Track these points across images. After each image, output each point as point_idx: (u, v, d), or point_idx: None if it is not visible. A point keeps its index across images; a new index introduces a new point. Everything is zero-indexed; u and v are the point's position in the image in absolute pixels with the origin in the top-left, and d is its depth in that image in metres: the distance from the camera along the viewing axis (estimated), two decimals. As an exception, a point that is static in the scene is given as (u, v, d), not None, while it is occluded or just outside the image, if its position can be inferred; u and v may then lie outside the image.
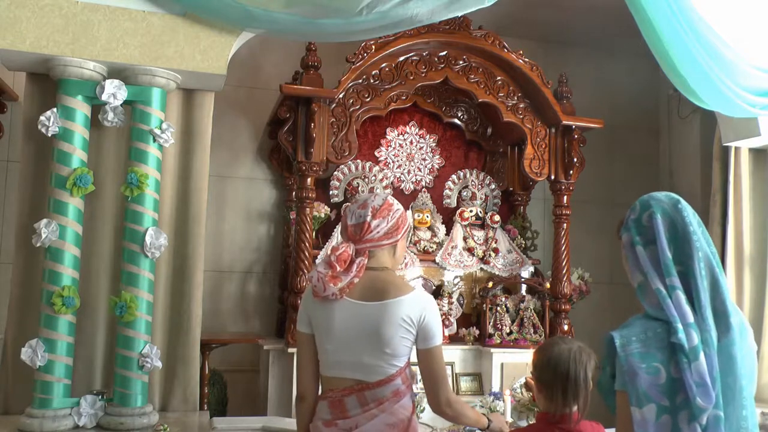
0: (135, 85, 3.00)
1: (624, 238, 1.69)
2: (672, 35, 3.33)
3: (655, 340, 1.52)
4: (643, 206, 1.68)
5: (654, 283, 1.57)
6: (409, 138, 4.61)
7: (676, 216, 1.64)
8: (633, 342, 1.52)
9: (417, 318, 1.99)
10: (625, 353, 1.51)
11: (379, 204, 2.06)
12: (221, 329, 4.45)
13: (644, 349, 1.51)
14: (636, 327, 1.56)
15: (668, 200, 1.68)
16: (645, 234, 1.63)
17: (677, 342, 1.49)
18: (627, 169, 5.45)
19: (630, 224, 1.68)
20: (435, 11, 3.12)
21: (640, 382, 1.47)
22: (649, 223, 1.63)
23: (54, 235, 2.82)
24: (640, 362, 1.49)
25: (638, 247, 1.63)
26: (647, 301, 1.60)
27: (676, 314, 1.52)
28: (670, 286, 1.56)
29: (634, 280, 1.64)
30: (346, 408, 1.98)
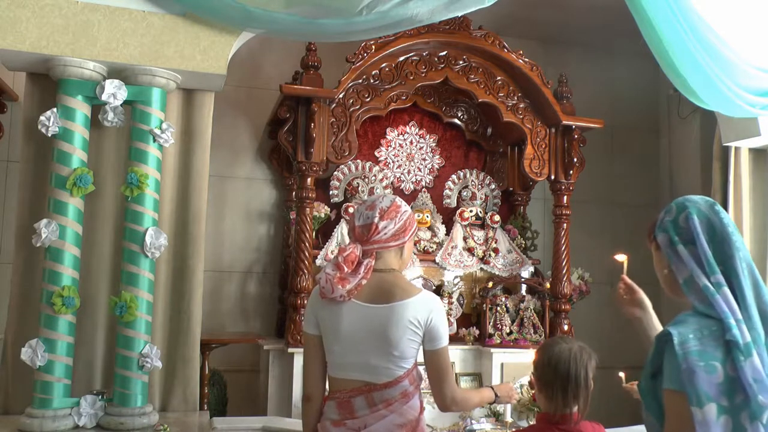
0: (135, 85, 3.00)
1: (661, 239, 1.68)
2: (672, 35, 3.33)
3: (711, 338, 1.49)
4: (679, 208, 1.69)
5: (700, 281, 1.56)
6: (409, 138, 4.61)
7: (714, 217, 1.65)
8: (690, 339, 1.48)
9: (424, 320, 2.00)
10: (684, 351, 1.46)
11: (387, 205, 2.06)
12: (221, 329, 4.45)
13: (701, 347, 1.47)
14: (691, 324, 1.52)
15: (704, 202, 1.70)
16: (683, 234, 1.63)
17: (732, 339, 1.47)
18: (627, 169, 5.45)
19: (667, 225, 1.67)
20: (435, 11, 3.12)
21: (699, 381, 1.42)
22: (686, 224, 1.63)
23: (54, 235, 2.82)
24: (699, 360, 1.44)
25: (679, 246, 1.62)
26: (695, 297, 1.58)
27: (727, 310, 1.51)
28: (716, 283, 1.55)
29: (680, 276, 1.63)
30: (354, 408, 1.98)
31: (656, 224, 1.72)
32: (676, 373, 1.45)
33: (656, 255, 1.74)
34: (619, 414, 3.75)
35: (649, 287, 5.97)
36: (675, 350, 1.45)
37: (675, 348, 1.46)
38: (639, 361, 2.35)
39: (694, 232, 1.61)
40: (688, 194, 5.32)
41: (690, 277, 1.59)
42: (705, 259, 1.58)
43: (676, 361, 1.45)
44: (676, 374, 1.45)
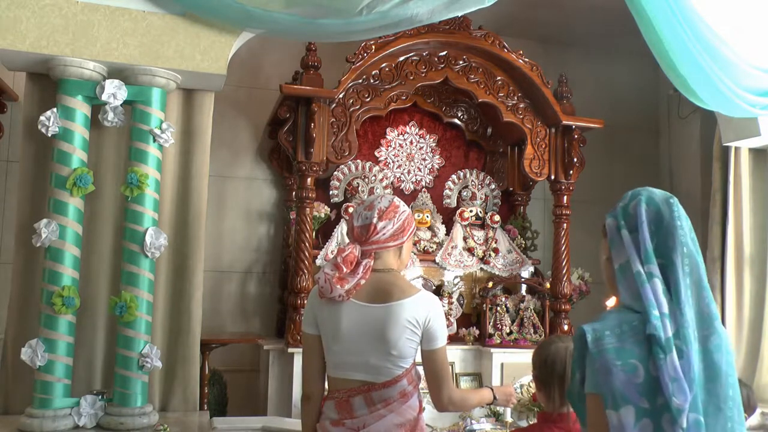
0: (135, 85, 3.00)
1: (609, 224, 1.62)
2: (672, 35, 3.33)
3: (631, 334, 1.38)
4: (632, 195, 1.63)
5: (635, 266, 1.48)
6: (409, 138, 4.61)
7: (665, 209, 1.57)
8: (607, 336, 1.37)
9: (422, 320, 2.00)
10: (598, 349, 1.35)
11: (386, 206, 2.06)
12: (221, 329, 4.45)
13: (619, 344, 1.36)
14: (610, 320, 1.42)
15: (661, 194, 1.63)
16: (629, 221, 1.57)
17: (652, 333, 1.37)
18: (627, 169, 5.45)
19: (618, 210, 1.61)
20: (435, 11, 3.12)
21: (615, 381, 1.31)
22: (635, 210, 1.57)
23: (54, 235, 2.81)
24: (615, 359, 1.33)
25: (623, 232, 1.56)
26: (625, 285, 1.50)
27: (653, 300, 1.41)
28: (648, 273, 1.47)
29: (615, 261, 1.56)
30: (353, 408, 1.99)
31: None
32: (591, 374, 1.35)
33: (602, 242, 1.68)
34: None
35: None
36: (589, 348, 1.35)
37: (588, 346, 1.36)
38: None
39: (638, 219, 1.55)
40: (688, 194, 5.35)
41: (626, 263, 1.52)
42: (644, 246, 1.51)
43: (591, 359, 1.35)
44: (592, 375, 1.35)
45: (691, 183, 5.09)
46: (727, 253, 4.22)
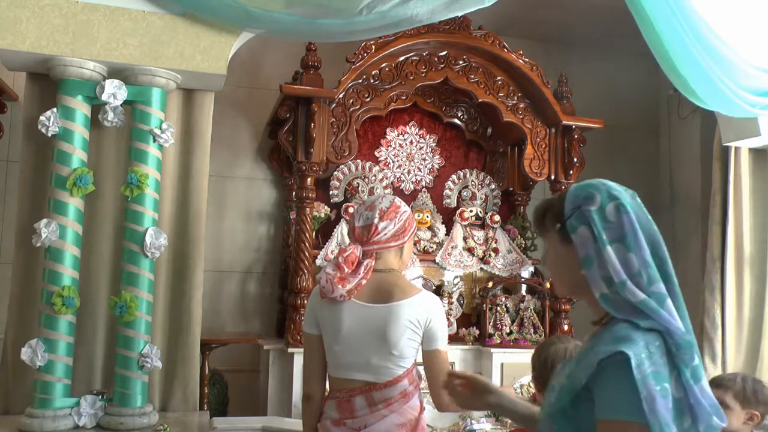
0: (135, 85, 3.00)
1: (581, 233, 1.34)
2: (672, 35, 3.33)
3: (659, 356, 1.25)
4: (605, 195, 1.36)
5: (635, 293, 1.28)
6: (409, 138, 4.61)
7: (640, 212, 1.37)
8: (644, 360, 1.22)
9: (423, 320, 2.01)
10: (642, 375, 1.20)
11: (387, 206, 2.07)
12: (221, 329, 4.45)
13: (654, 368, 1.23)
14: (640, 341, 1.25)
15: (626, 191, 1.41)
16: (612, 231, 1.32)
17: (683, 356, 1.26)
18: (627, 169, 5.43)
19: (592, 216, 1.34)
20: (435, 11, 3.12)
21: (660, 409, 1.19)
22: (617, 218, 1.33)
23: (54, 235, 2.81)
24: (655, 384, 1.20)
25: (609, 247, 1.31)
26: (621, 310, 1.30)
27: (675, 323, 1.28)
28: (657, 294, 1.29)
29: (596, 288, 1.32)
30: (354, 408, 1.99)
31: (564, 211, 1.38)
32: (632, 401, 1.20)
33: (561, 249, 1.40)
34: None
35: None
36: (632, 375, 1.20)
37: (633, 372, 1.20)
38: None
39: (629, 230, 1.32)
40: (688, 194, 5.33)
41: (621, 285, 1.29)
42: (644, 264, 1.30)
43: (633, 386, 1.20)
44: (634, 402, 1.19)
45: (691, 183, 5.09)
46: (727, 253, 4.21)
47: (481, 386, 1.60)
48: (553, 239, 1.41)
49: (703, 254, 4.54)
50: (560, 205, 1.40)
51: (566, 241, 1.38)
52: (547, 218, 1.43)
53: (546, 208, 1.45)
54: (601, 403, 1.25)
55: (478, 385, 1.60)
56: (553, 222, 1.41)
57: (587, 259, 1.33)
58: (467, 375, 1.62)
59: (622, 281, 1.29)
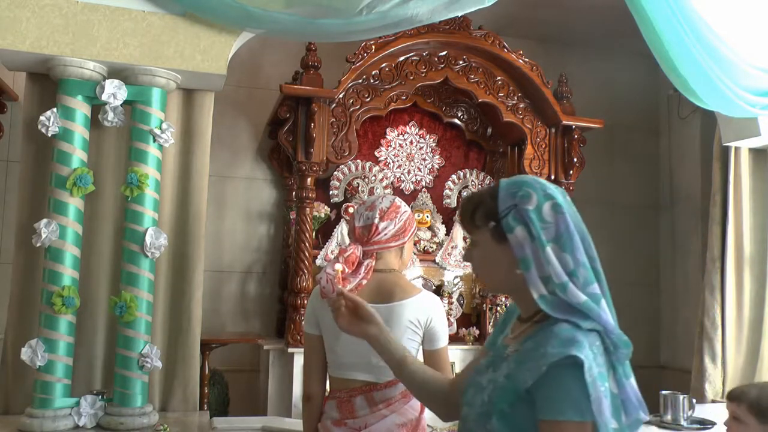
0: (135, 85, 3.00)
1: (518, 233, 1.30)
2: (672, 35, 3.33)
3: (599, 355, 1.25)
4: (540, 194, 1.32)
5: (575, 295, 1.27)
6: (409, 138, 4.61)
7: (571, 210, 1.34)
8: (593, 363, 1.22)
9: (424, 320, 2.01)
10: (592, 378, 1.20)
11: (387, 206, 2.07)
12: (221, 329, 4.45)
13: (599, 369, 1.23)
14: (585, 342, 1.23)
15: (556, 189, 1.36)
16: (549, 231, 1.30)
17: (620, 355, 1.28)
18: (627, 169, 5.45)
19: (529, 216, 1.30)
20: (435, 11, 3.11)
21: (605, 409, 1.20)
22: (554, 217, 1.30)
23: (54, 235, 2.81)
24: (601, 385, 1.21)
25: (548, 248, 1.29)
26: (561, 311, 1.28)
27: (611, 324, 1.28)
28: (593, 295, 1.28)
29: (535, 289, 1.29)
30: (355, 408, 1.99)
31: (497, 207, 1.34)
32: (581, 402, 1.20)
33: (494, 248, 1.35)
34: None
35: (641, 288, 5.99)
36: (584, 377, 1.19)
37: (584, 375, 1.19)
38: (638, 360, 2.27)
39: (564, 230, 1.30)
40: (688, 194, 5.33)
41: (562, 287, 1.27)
42: (581, 265, 1.29)
43: (583, 388, 1.19)
44: (582, 403, 1.20)
45: (691, 183, 5.09)
46: (727, 253, 4.21)
47: (366, 315, 1.57)
48: (485, 237, 1.37)
49: (703, 254, 4.54)
50: (493, 203, 1.35)
51: (500, 239, 1.33)
52: (477, 215, 1.38)
53: (476, 204, 1.39)
54: (546, 404, 1.23)
55: (363, 312, 1.58)
56: (486, 220, 1.36)
57: (525, 260, 1.30)
58: (355, 299, 1.59)
59: (563, 283, 1.27)
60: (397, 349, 1.55)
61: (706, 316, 4.22)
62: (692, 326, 4.54)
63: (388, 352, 1.56)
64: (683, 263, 5.14)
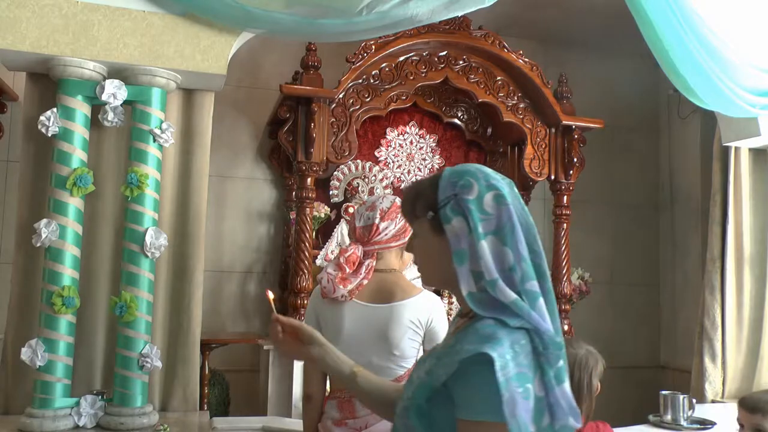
0: (135, 85, 3.00)
1: (456, 224, 1.24)
2: (672, 35, 3.33)
3: (523, 355, 1.18)
4: (482, 184, 1.25)
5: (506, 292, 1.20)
6: (409, 138, 4.61)
7: (517, 202, 1.27)
8: (509, 362, 1.15)
9: (425, 320, 2.01)
10: (506, 377, 1.13)
11: (387, 206, 2.07)
12: (221, 329, 4.45)
13: (518, 369, 1.16)
14: (505, 341, 1.17)
15: (503, 179, 1.29)
16: (489, 223, 1.22)
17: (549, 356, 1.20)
18: (627, 169, 5.45)
19: (468, 206, 1.23)
20: (435, 11, 3.11)
21: (521, 411, 1.13)
22: (496, 209, 1.23)
23: (54, 235, 2.81)
24: (518, 386, 1.14)
25: (483, 241, 1.21)
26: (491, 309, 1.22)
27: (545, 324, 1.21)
28: (530, 293, 1.21)
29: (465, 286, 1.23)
30: (355, 408, 1.99)
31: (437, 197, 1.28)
32: (494, 402, 1.13)
33: (432, 240, 1.30)
34: (621, 413, 3.75)
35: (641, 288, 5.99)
36: (496, 377, 1.13)
37: (497, 375, 1.13)
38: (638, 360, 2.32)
39: (506, 222, 1.23)
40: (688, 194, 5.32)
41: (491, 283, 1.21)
42: (520, 260, 1.21)
43: (495, 388, 1.13)
44: (496, 404, 1.13)
45: (691, 183, 5.09)
46: (727, 253, 4.21)
47: (307, 336, 1.50)
48: (424, 228, 1.31)
49: (703, 254, 4.54)
50: (433, 192, 1.28)
51: (439, 231, 1.27)
52: (418, 205, 1.32)
53: (417, 193, 1.33)
54: (462, 403, 1.18)
55: (304, 334, 1.50)
56: (425, 210, 1.30)
57: (460, 253, 1.23)
58: (293, 323, 1.51)
59: (493, 280, 1.20)
60: (346, 365, 1.50)
61: (706, 316, 4.22)
62: (692, 326, 4.54)
63: (336, 371, 1.50)
64: (683, 263, 5.13)
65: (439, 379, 1.20)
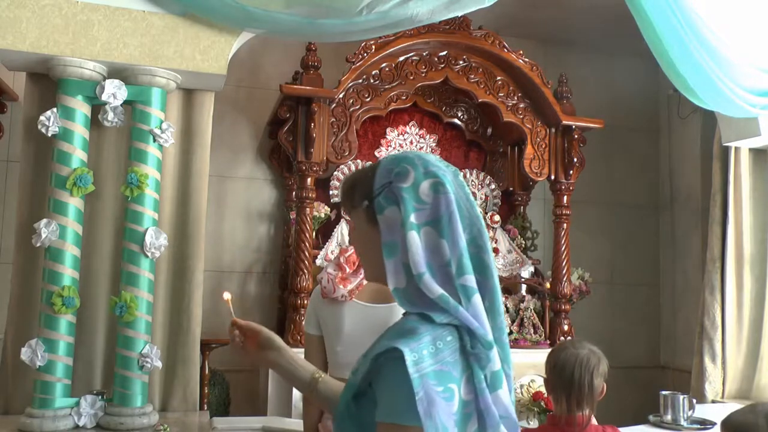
0: (135, 85, 3.00)
1: (389, 214, 1.16)
2: (672, 35, 3.33)
3: (448, 352, 1.10)
4: (420, 171, 1.17)
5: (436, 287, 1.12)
6: (409, 138, 4.61)
7: (460, 192, 1.19)
8: (425, 358, 1.07)
9: None
10: (420, 374, 1.05)
11: None
12: (221, 329, 4.44)
13: (439, 367, 1.07)
14: (425, 335, 1.09)
15: (447, 167, 1.21)
16: (425, 213, 1.15)
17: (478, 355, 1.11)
18: (627, 169, 5.45)
19: (402, 194, 1.15)
20: (435, 11, 3.12)
21: (439, 413, 1.04)
22: (434, 199, 1.15)
23: (54, 235, 2.81)
24: (437, 384, 1.06)
25: (412, 233, 1.13)
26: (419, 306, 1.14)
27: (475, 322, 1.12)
28: (464, 288, 1.13)
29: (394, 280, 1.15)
30: None
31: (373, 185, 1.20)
32: (407, 402, 1.04)
33: (368, 230, 1.22)
34: (621, 413, 3.75)
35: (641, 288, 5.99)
36: (408, 373, 1.04)
37: (408, 370, 1.05)
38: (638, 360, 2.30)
39: (444, 213, 1.14)
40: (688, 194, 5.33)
41: (418, 281, 1.13)
42: (457, 253, 1.13)
43: (409, 386, 1.04)
44: (409, 404, 1.04)
45: (691, 183, 5.09)
46: (727, 253, 4.22)
47: (264, 340, 1.44)
48: (360, 218, 1.24)
49: (703, 254, 4.54)
50: (370, 180, 1.21)
51: (373, 221, 1.20)
52: (355, 194, 1.25)
53: (354, 182, 1.26)
54: (380, 403, 1.11)
55: (262, 338, 1.44)
56: (361, 199, 1.22)
57: (390, 245, 1.16)
58: (252, 326, 1.46)
59: (419, 274, 1.12)
60: (305, 370, 1.42)
61: (706, 316, 4.22)
62: (692, 326, 4.54)
63: (293, 377, 1.43)
64: (683, 263, 5.14)
65: (358, 377, 1.14)
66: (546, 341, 4.08)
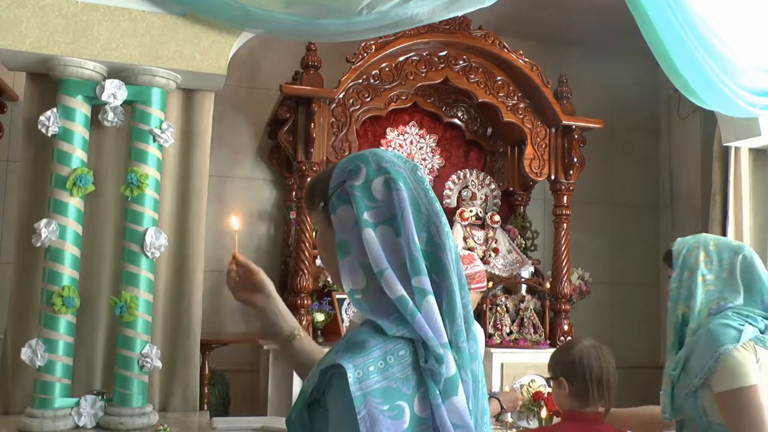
0: (135, 85, 3.00)
1: (342, 213, 1.13)
2: (672, 35, 3.33)
3: (399, 367, 1.04)
4: (372, 168, 1.13)
5: (394, 287, 1.07)
6: (409, 138, 4.61)
7: (418, 188, 1.14)
8: (371, 374, 1.02)
9: None
10: (363, 392, 1.01)
11: None
12: (221, 329, 4.45)
13: (386, 383, 1.03)
14: (374, 350, 1.04)
15: (402, 162, 1.16)
16: (378, 211, 1.10)
17: (431, 369, 1.04)
18: (627, 169, 5.45)
19: (354, 191, 1.12)
20: (435, 11, 3.11)
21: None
22: (386, 196, 1.11)
23: (54, 235, 2.81)
24: (382, 402, 1.01)
25: (367, 230, 1.09)
26: (376, 310, 1.09)
27: (431, 333, 1.05)
28: (418, 290, 1.07)
29: (350, 281, 1.11)
30: None
31: (329, 185, 1.17)
32: (351, 420, 1.00)
33: (327, 232, 1.19)
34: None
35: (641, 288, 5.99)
36: (350, 391, 1.01)
37: (350, 388, 1.01)
38: (638, 360, 2.29)
39: (398, 210, 1.10)
40: (688, 194, 5.33)
41: (374, 284, 1.09)
42: (409, 253, 1.08)
43: (350, 405, 1.00)
44: (352, 422, 1.00)
45: (691, 183, 5.09)
46: (727, 253, 4.21)
47: (258, 281, 1.46)
48: (320, 219, 1.20)
49: (703, 254, 4.53)
50: (327, 181, 1.17)
51: (326, 220, 1.17)
52: (315, 195, 1.21)
53: (314, 183, 1.23)
54: (330, 419, 1.06)
55: (256, 279, 1.46)
56: (319, 200, 1.19)
57: (343, 245, 1.12)
58: (249, 265, 1.45)
59: (381, 270, 1.07)
60: (287, 325, 1.42)
61: (706, 316, 4.21)
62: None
63: (275, 326, 1.42)
64: (683, 263, 5.13)
65: (308, 390, 1.10)
66: (546, 341, 4.09)
